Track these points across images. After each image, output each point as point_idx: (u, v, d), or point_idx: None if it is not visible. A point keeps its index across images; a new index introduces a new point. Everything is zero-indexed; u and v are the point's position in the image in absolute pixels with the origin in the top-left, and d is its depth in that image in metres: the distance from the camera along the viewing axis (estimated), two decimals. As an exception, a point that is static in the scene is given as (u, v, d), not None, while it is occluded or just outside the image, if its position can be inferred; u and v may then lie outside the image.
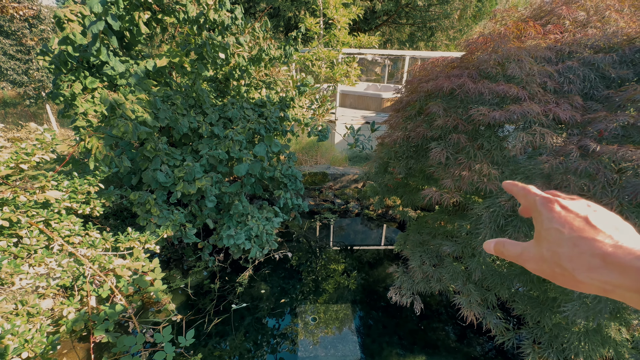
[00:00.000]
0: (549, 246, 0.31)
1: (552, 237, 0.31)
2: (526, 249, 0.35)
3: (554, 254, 0.31)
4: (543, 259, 0.32)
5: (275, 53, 3.55)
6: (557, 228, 0.31)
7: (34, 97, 16.52)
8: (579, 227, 0.30)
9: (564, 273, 0.30)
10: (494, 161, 2.40)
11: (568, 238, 0.30)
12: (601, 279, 0.28)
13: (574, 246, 0.29)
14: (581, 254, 0.29)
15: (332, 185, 5.47)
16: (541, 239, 0.32)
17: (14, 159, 1.98)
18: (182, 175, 3.22)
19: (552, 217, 0.32)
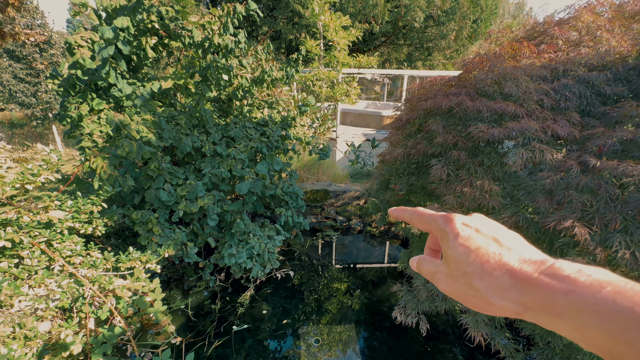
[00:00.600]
0: (457, 266, 0.30)
1: (460, 256, 0.30)
2: (438, 269, 0.33)
3: (464, 274, 0.29)
4: (454, 280, 0.31)
5: (277, 74, 3.65)
6: (462, 244, 0.30)
7: (41, 118, 16.87)
8: (484, 244, 0.29)
9: (476, 295, 0.29)
10: (495, 177, 2.41)
11: (475, 256, 0.29)
12: (513, 299, 0.26)
13: (482, 264, 0.28)
14: (491, 272, 0.27)
15: (334, 203, 5.47)
16: (449, 259, 0.31)
17: (20, 180, 2.00)
18: (184, 194, 3.23)
19: (457, 235, 0.30)
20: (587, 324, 0.22)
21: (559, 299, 0.24)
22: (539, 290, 0.25)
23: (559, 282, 0.24)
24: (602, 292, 0.22)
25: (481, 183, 2.35)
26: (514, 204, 2.30)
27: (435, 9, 10.15)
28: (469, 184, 2.40)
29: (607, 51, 2.83)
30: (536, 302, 0.25)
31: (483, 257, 0.28)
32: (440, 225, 0.32)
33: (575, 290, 0.23)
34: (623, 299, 0.21)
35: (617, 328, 0.21)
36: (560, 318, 0.24)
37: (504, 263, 0.27)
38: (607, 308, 0.21)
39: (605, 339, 0.21)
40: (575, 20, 3.24)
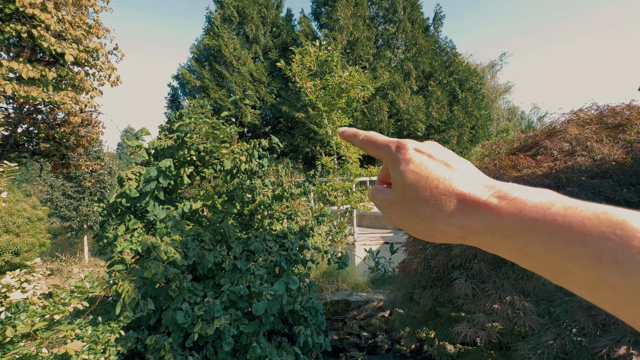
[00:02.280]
0: (405, 192, 0.29)
1: (410, 182, 0.29)
2: (386, 197, 0.32)
3: (411, 200, 0.29)
4: (401, 206, 0.30)
5: (295, 191, 4.01)
6: (413, 170, 0.29)
7: (77, 229, 18.06)
8: (435, 168, 0.28)
9: (421, 221, 0.28)
10: (524, 291, 2.28)
11: (425, 182, 0.28)
12: (458, 223, 0.26)
13: (431, 189, 0.28)
14: (439, 197, 0.27)
15: (357, 315, 5.06)
16: (398, 186, 0.30)
17: (50, 311, 2.08)
18: (201, 314, 3.15)
19: (408, 160, 0.30)
20: (534, 241, 0.22)
21: (507, 220, 0.23)
22: (487, 212, 0.24)
23: (508, 203, 0.24)
24: (551, 209, 0.22)
25: (511, 299, 2.21)
26: (554, 324, 2.10)
27: (434, 120, 11.48)
28: (498, 299, 2.26)
29: (602, 159, 3.03)
30: (482, 225, 0.25)
31: (433, 183, 0.28)
32: (392, 151, 0.32)
33: (524, 209, 0.23)
34: (573, 214, 0.21)
35: (564, 243, 0.20)
36: (506, 239, 0.23)
37: (453, 188, 0.27)
38: (556, 224, 0.21)
39: (550, 256, 0.21)
40: (563, 133, 3.58)
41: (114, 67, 5.90)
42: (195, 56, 14.36)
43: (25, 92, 4.34)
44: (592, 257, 0.19)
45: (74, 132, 5.84)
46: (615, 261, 0.19)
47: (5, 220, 4.10)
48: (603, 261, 0.19)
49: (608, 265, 0.19)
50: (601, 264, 0.19)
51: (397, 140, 0.32)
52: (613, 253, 0.19)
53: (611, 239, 0.19)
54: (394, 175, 0.31)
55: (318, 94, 5.69)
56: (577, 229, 0.20)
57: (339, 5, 11.54)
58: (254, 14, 13.96)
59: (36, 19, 4.32)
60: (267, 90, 13.67)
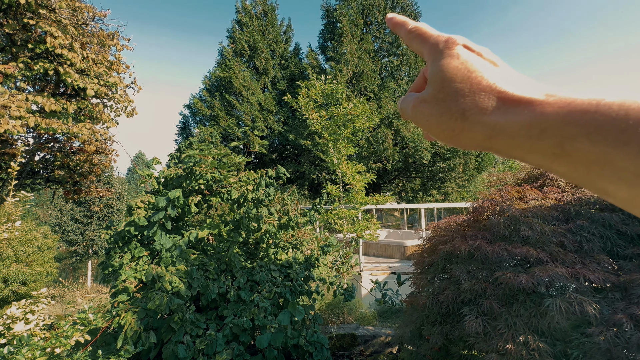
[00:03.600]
0: (442, 85, 0.27)
1: (450, 74, 0.27)
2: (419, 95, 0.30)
3: (447, 94, 0.27)
4: (435, 100, 0.28)
5: (301, 220, 4.01)
6: (457, 65, 0.27)
7: (82, 254, 18.07)
8: (482, 66, 0.27)
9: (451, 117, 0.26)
10: (538, 331, 2.18)
11: (468, 76, 0.26)
12: (490, 121, 0.24)
13: (472, 84, 0.26)
14: (479, 92, 0.25)
15: (363, 351, 4.84)
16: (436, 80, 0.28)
17: (52, 343, 2.06)
18: (202, 348, 3.06)
19: (455, 54, 0.28)
20: (577, 133, 0.20)
21: (550, 115, 0.22)
22: (529, 108, 0.23)
23: (556, 99, 0.22)
24: (605, 99, 0.20)
25: (524, 338, 2.12)
26: (572, 367, 1.98)
27: (439, 147, 11.57)
28: (511, 339, 2.17)
29: (610, 191, 3.00)
30: (518, 122, 0.23)
31: (476, 79, 0.26)
32: (439, 46, 0.29)
33: (574, 102, 0.21)
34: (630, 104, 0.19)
35: (614, 131, 0.19)
36: (542, 135, 0.22)
37: (496, 86, 0.25)
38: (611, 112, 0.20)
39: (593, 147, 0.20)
40: (569, 164, 3.58)
41: (130, 100, 6.23)
42: (207, 86, 15.03)
43: (47, 124, 4.59)
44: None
45: (88, 160, 6.06)
46: None
47: (17, 250, 4.16)
48: None
49: None
50: None
51: (447, 35, 0.30)
52: None
53: None
54: (433, 70, 0.28)
55: (324, 124, 5.86)
56: (634, 115, 0.19)
57: (345, 40, 12.15)
58: (264, 48, 14.74)
59: (63, 58, 4.66)
60: (275, 118, 14.09)
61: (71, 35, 4.72)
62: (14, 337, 2.01)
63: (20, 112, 4.32)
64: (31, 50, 4.70)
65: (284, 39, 16.21)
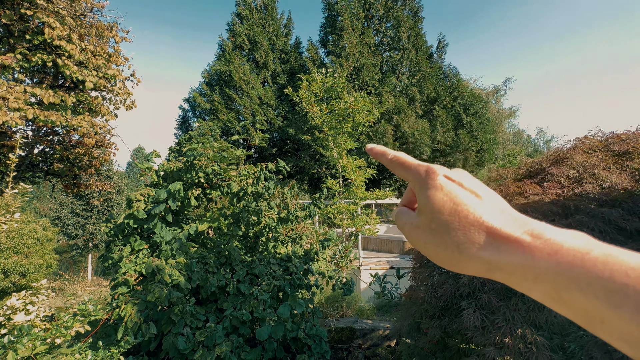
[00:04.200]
0: (432, 217, 0.29)
1: (438, 206, 0.28)
2: (410, 220, 0.32)
3: (439, 226, 0.28)
4: (426, 231, 0.29)
5: (301, 214, 4.01)
6: (442, 197, 0.28)
7: (82, 247, 18.13)
8: (465, 197, 0.28)
9: (447, 249, 0.27)
10: (536, 325, 2.20)
11: (455, 209, 0.27)
12: (486, 257, 0.25)
13: (460, 218, 0.27)
14: (469, 227, 0.26)
15: (362, 344, 4.88)
16: (426, 210, 0.30)
17: (52, 334, 2.06)
18: (202, 340, 3.08)
19: (438, 186, 0.29)
20: (569, 286, 0.21)
21: (540, 261, 0.22)
22: (519, 250, 0.24)
23: (542, 243, 0.23)
24: (589, 254, 0.21)
25: (522, 332, 2.13)
26: (569, 361, 2.00)
27: (439, 144, 11.55)
28: (509, 332, 2.18)
29: (610, 187, 3.00)
30: (511, 263, 0.24)
31: (462, 212, 0.27)
32: (421, 176, 0.31)
33: (560, 251, 0.22)
34: (614, 262, 0.20)
35: (603, 291, 0.19)
36: (538, 280, 0.22)
37: (483, 220, 0.26)
38: (596, 270, 0.20)
39: (587, 303, 0.20)
40: (569, 160, 3.57)
41: (129, 92, 6.18)
42: (207, 80, 14.94)
43: (46, 116, 4.56)
44: (636, 309, 0.18)
45: (87, 153, 6.05)
46: None
47: (16, 242, 4.16)
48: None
49: None
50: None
51: (426, 164, 0.32)
52: None
53: None
54: (421, 200, 0.30)
55: (324, 118, 5.83)
56: (618, 278, 0.19)
57: (346, 34, 12.04)
58: (264, 41, 14.61)
59: (61, 49, 4.62)
60: (275, 113, 14.02)
61: (69, 26, 4.67)
62: (15, 327, 2.02)
63: (19, 104, 4.30)
64: (29, 42, 4.66)
65: (284, 32, 16.06)
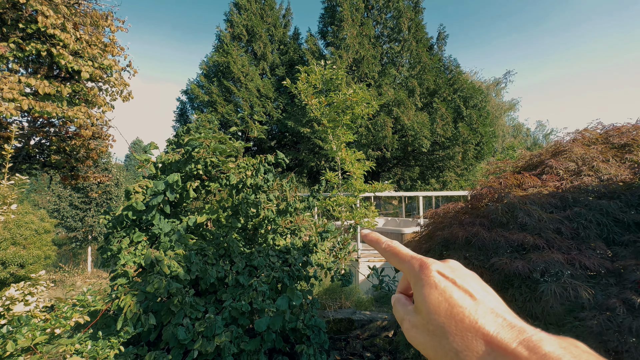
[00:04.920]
0: (429, 318, 0.28)
1: (434, 307, 0.28)
2: (408, 317, 0.31)
3: (436, 329, 0.28)
4: (425, 332, 0.29)
5: (299, 206, 4.01)
6: (437, 298, 0.28)
7: (81, 240, 18.15)
8: (460, 298, 0.28)
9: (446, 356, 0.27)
10: (532, 315, 2.22)
11: (451, 313, 0.27)
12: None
13: (456, 322, 0.27)
14: (465, 333, 0.26)
15: (360, 334, 4.94)
16: (422, 309, 0.29)
17: (52, 324, 2.07)
18: (202, 330, 3.11)
19: (432, 284, 0.29)
20: None
21: None
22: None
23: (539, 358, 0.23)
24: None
25: (519, 322, 2.16)
26: (564, 350, 2.03)
27: (438, 137, 11.52)
28: (506, 322, 2.20)
29: (609, 179, 3.00)
30: None
31: (458, 316, 0.27)
32: (415, 270, 0.31)
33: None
34: None
35: None
36: None
37: (479, 326, 0.26)
38: None
39: None
40: (569, 152, 3.57)
41: (126, 83, 6.10)
42: (205, 72, 14.76)
43: (41, 107, 4.50)
44: None
45: (84, 144, 5.99)
46: None
47: (13, 233, 4.14)
48: None
49: None
50: None
51: (419, 258, 0.32)
52: None
53: None
54: (417, 297, 0.30)
55: (323, 110, 5.78)
56: None
57: (345, 24, 11.88)
58: (263, 32, 14.41)
59: (56, 39, 4.53)
60: (274, 105, 13.91)
61: (63, 14, 4.57)
62: (14, 317, 2.02)
63: (13, 94, 4.24)
64: (22, 30, 4.57)
65: (282, 23, 15.84)
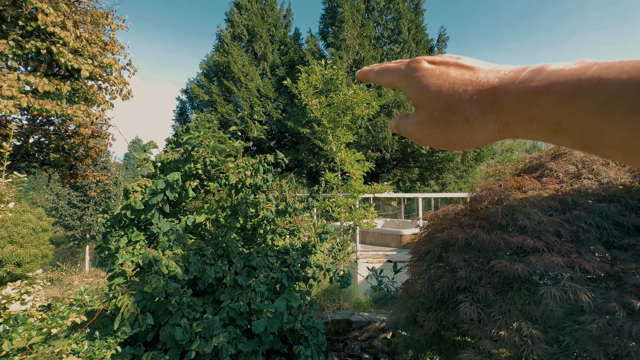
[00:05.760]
0: (433, 105, 0.28)
1: (435, 92, 0.28)
2: (412, 120, 0.31)
3: (442, 111, 0.27)
4: (433, 119, 0.28)
5: (299, 206, 4.00)
6: (436, 82, 0.28)
7: (79, 239, 18.09)
8: (458, 74, 0.27)
9: (457, 127, 0.27)
10: (531, 318, 2.21)
11: (452, 87, 0.27)
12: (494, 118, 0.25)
13: (461, 93, 0.26)
14: (471, 97, 0.26)
15: (358, 336, 4.93)
16: (424, 102, 0.29)
17: (48, 324, 2.06)
18: (199, 331, 3.09)
19: (427, 74, 0.28)
20: (567, 113, 0.21)
21: (540, 98, 0.22)
22: (520, 97, 0.23)
23: (540, 81, 0.22)
24: (586, 72, 0.20)
25: (518, 325, 2.15)
26: (563, 353, 2.02)
27: (438, 138, 11.52)
28: (505, 325, 2.20)
29: (609, 182, 3.00)
30: (516, 112, 0.24)
31: (461, 87, 0.26)
32: (406, 70, 0.30)
33: (557, 81, 0.22)
34: (609, 72, 0.19)
35: (598, 103, 0.19)
36: (539, 119, 0.22)
37: (482, 85, 0.26)
38: (591, 86, 0.20)
39: (584, 122, 0.20)
40: (569, 155, 3.57)
41: (126, 82, 6.08)
42: (205, 71, 14.75)
43: (40, 105, 4.48)
44: (627, 110, 0.18)
45: (83, 143, 5.97)
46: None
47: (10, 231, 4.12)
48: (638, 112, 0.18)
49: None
50: (637, 114, 0.18)
51: (407, 59, 0.31)
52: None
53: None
54: (416, 95, 0.29)
55: (323, 111, 5.78)
56: (612, 85, 0.19)
57: (346, 25, 11.89)
58: (263, 32, 14.41)
59: (55, 36, 4.52)
60: (274, 105, 13.91)
61: (63, 12, 4.55)
62: (10, 316, 2.01)
63: (12, 92, 4.22)
64: (22, 28, 4.55)
65: (283, 23, 15.84)
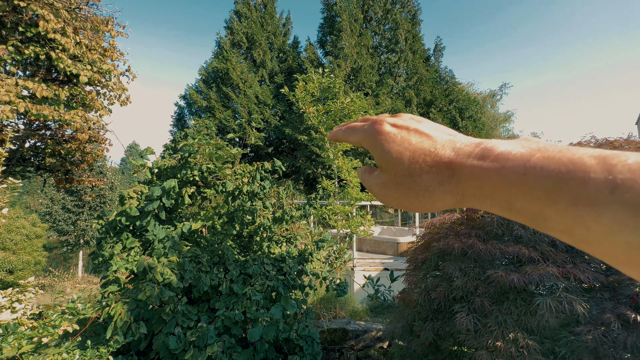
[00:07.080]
0: (396, 170, 0.29)
1: (396, 159, 0.29)
2: (376, 180, 0.32)
3: (404, 177, 0.29)
4: (396, 184, 0.30)
5: (296, 214, 3.99)
6: (398, 149, 0.29)
7: (73, 244, 17.83)
8: (419, 142, 0.29)
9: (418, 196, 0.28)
10: (527, 329, 2.21)
11: (413, 156, 0.28)
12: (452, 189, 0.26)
13: (420, 163, 0.28)
14: (430, 168, 0.27)
15: (354, 345, 4.88)
16: (387, 166, 0.30)
17: (39, 333, 2.02)
18: (194, 340, 3.05)
19: (389, 138, 0.30)
20: (517, 196, 0.22)
21: (492, 179, 0.24)
22: (474, 175, 0.25)
23: (491, 162, 0.24)
24: (530, 160, 0.22)
25: (514, 336, 2.14)
26: (559, 365, 2.01)
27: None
28: (501, 336, 2.19)
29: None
30: (471, 187, 0.25)
31: (420, 157, 0.28)
32: (369, 131, 0.32)
33: (506, 165, 0.23)
34: (550, 163, 0.21)
35: (543, 192, 0.21)
36: (494, 197, 0.24)
37: (440, 157, 0.27)
38: (536, 174, 0.22)
39: (532, 206, 0.22)
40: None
41: (124, 88, 6.09)
42: (204, 78, 14.83)
43: (37, 110, 4.47)
44: (568, 202, 0.20)
45: (80, 148, 5.95)
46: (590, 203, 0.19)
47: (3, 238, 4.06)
48: (579, 204, 0.20)
49: (583, 207, 0.20)
50: (577, 207, 0.20)
51: (371, 119, 0.33)
52: (587, 196, 0.19)
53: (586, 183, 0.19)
54: (379, 158, 0.31)
55: (320, 118, 5.82)
56: (554, 176, 0.21)
57: (344, 34, 12.05)
58: (262, 40, 14.56)
59: (55, 42, 4.53)
60: (272, 112, 13.97)
61: (64, 19, 4.58)
62: (0, 325, 1.97)
63: (10, 97, 4.21)
64: (22, 34, 4.56)
65: (282, 31, 16.02)
